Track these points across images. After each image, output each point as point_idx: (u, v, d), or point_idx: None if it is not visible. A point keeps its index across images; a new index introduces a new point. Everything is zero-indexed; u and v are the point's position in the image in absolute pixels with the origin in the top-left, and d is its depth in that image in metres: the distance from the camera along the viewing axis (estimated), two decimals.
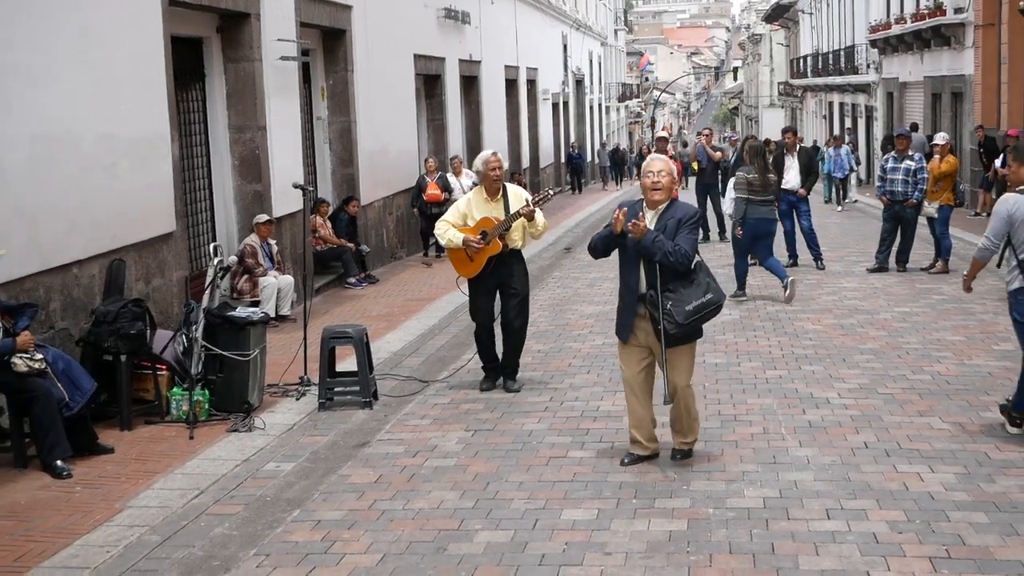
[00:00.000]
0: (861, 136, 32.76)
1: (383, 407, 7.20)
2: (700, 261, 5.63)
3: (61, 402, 6.01)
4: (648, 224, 5.56)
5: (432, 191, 15.05)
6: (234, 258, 10.18)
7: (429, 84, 17.83)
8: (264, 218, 10.54)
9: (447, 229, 7.39)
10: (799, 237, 13.32)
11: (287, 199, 11.01)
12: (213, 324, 7.08)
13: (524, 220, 7.29)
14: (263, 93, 10.79)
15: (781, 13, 51.12)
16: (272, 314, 9.83)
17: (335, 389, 7.24)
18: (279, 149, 11.12)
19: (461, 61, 19.15)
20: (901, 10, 26.62)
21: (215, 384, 7.03)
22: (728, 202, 12.10)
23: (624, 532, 4.87)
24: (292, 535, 4.99)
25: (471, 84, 20.32)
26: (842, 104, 37.23)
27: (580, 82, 37.10)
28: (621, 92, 53.70)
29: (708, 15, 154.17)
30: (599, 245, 5.80)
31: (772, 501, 5.21)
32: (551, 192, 7.99)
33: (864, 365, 7.98)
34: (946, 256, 12.32)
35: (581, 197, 29.03)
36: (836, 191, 23.66)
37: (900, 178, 12.30)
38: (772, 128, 46.49)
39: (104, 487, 5.71)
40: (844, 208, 22.45)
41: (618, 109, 53.52)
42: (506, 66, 23.46)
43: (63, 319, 7.20)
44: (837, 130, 34.48)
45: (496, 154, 7.49)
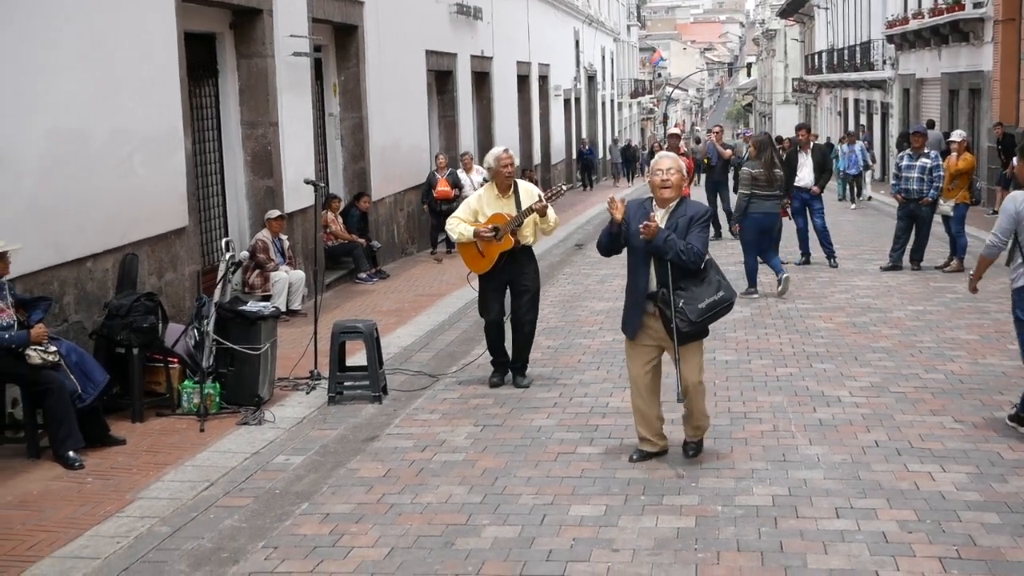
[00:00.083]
0: (876, 133, 32.58)
1: (392, 402, 7.22)
2: (710, 259, 5.61)
3: (74, 394, 6.06)
4: (659, 222, 5.53)
5: (442, 187, 15.06)
6: (246, 253, 10.21)
7: (441, 80, 17.83)
8: (276, 213, 10.57)
9: (458, 224, 7.39)
10: (812, 235, 13.28)
11: (299, 195, 11.04)
12: (224, 318, 7.11)
13: (536, 216, 7.28)
14: (275, 89, 10.81)
15: (796, 8, 50.84)
16: (283, 309, 9.86)
17: (345, 383, 7.26)
18: (291, 145, 11.14)
19: (473, 57, 19.14)
20: (919, 5, 26.35)
21: (226, 377, 7.06)
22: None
23: (632, 529, 4.87)
24: (300, 528, 5.01)
25: (483, 80, 20.31)
26: (857, 101, 37.01)
27: (592, 78, 37.04)
28: (634, 88, 53.60)
29: (722, 10, 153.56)
30: (604, 241, 5.79)
31: (781, 499, 5.20)
32: (564, 188, 7.98)
33: (876, 363, 7.94)
34: (961, 255, 12.25)
35: (592, 194, 28.99)
36: (850, 188, 23.56)
37: (915, 176, 12.23)
38: (786, 125, 46.33)
39: (115, 478, 5.75)
40: (858, 206, 22.35)
41: (630, 105, 53.42)
42: (518, 62, 23.43)
43: (77, 312, 7.25)
44: (852, 127, 34.31)
45: (508, 150, 7.48)
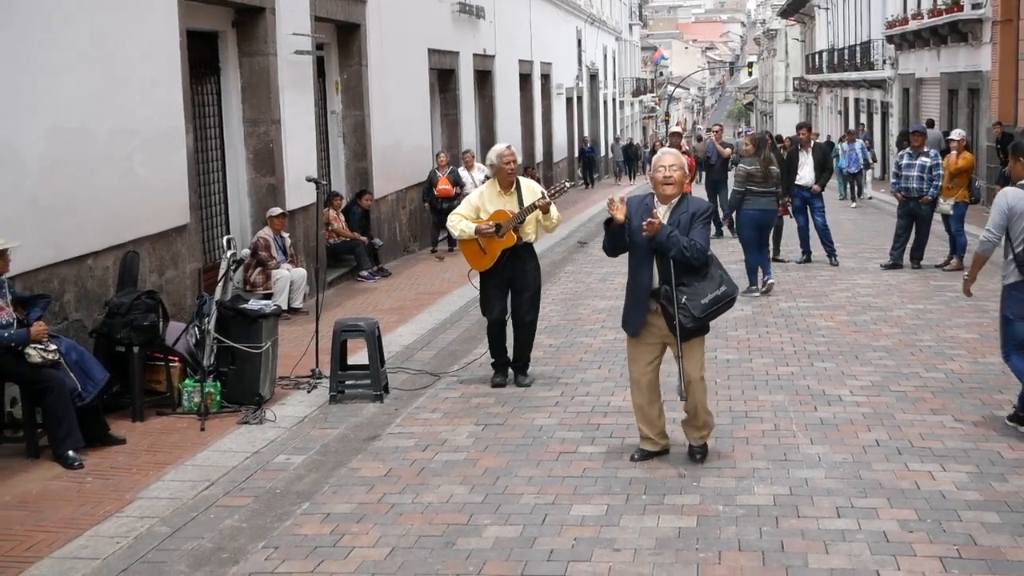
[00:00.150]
0: (877, 132, 32.58)
1: (394, 400, 7.21)
2: (712, 254, 5.60)
3: (74, 392, 6.04)
4: (661, 219, 5.51)
5: (443, 186, 15.06)
6: (247, 251, 10.21)
7: (443, 78, 17.82)
8: (277, 211, 10.56)
9: (459, 221, 7.38)
10: (813, 233, 13.28)
11: (300, 192, 11.03)
12: (225, 316, 7.11)
13: (539, 213, 7.28)
14: (277, 87, 10.81)
15: (797, 8, 50.83)
16: (284, 307, 9.87)
17: (346, 382, 7.25)
18: (293, 143, 11.14)
19: (475, 55, 19.13)
20: (918, 5, 26.43)
21: (227, 376, 7.06)
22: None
23: (633, 528, 4.87)
24: (301, 528, 5.00)
25: (485, 79, 20.30)
26: (857, 100, 37.03)
27: (594, 77, 37.03)
28: (635, 87, 53.58)
29: (723, 10, 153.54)
30: (606, 243, 5.78)
31: (782, 498, 5.19)
32: (567, 185, 7.99)
33: (877, 362, 7.94)
34: (961, 253, 12.25)
35: (593, 191, 28.99)
36: (850, 187, 23.58)
37: (915, 175, 12.26)
38: (787, 124, 46.33)
39: (115, 478, 5.74)
40: (859, 204, 22.35)
41: (632, 104, 53.42)
42: (520, 61, 23.42)
43: (77, 310, 7.24)
44: (852, 126, 34.31)
45: (510, 147, 7.48)
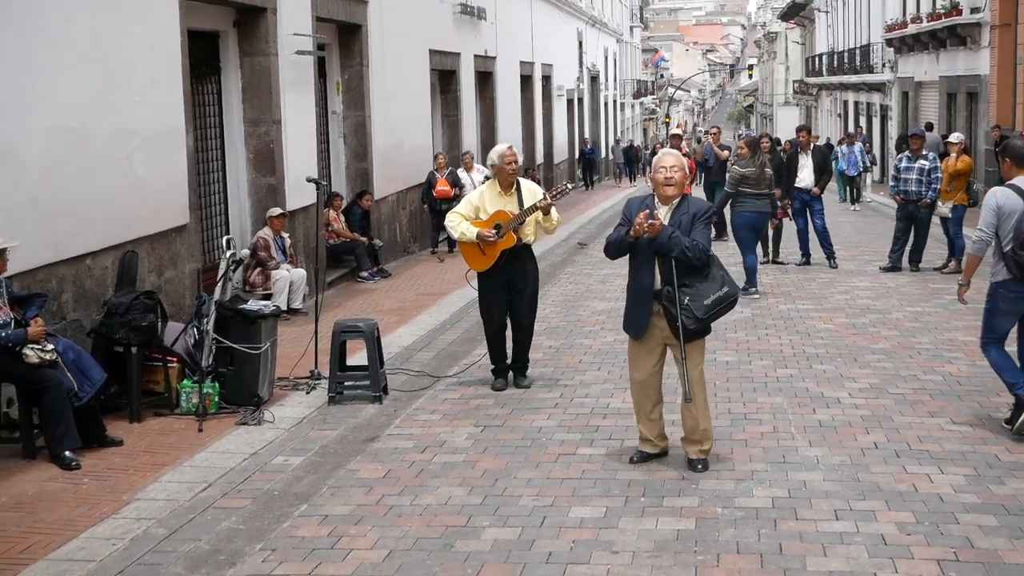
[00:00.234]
0: (876, 135, 32.59)
1: (393, 402, 7.21)
2: (713, 254, 5.59)
3: (71, 392, 6.02)
4: (662, 220, 5.49)
5: (442, 187, 15.06)
6: (247, 251, 10.21)
7: (444, 79, 17.83)
8: (277, 211, 10.56)
9: (460, 222, 7.36)
10: (812, 235, 13.29)
11: (301, 193, 11.03)
12: (224, 317, 7.10)
13: (539, 214, 7.28)
14: (278, 87, 10.81)
15: (797, 11, 50.88)
16: (284, 307, 9.86)
17: (345, 383, 7.25)
18: (293, 143, 11.14)
19: (476, 57, 19.14)
20: (917, 9, 26.50)
21: (225, 377, 7.05)
22: None
23: (632, 531, 4.86)
24: (299, 530, 5.00)
25: (486, 80, 20.30)
26: (857, 103, 37.06)
27: (595, 79, 37.04)
28: (636, 89, 53.60)
29: (724, 12, 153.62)
30: (615, 247, 5.67)
31: (781, 501, 5.19)
32: (568, 187, 7.99)
33: (875, 365, 7.94)
34: (959, 256, 12.23)
35: (594, 193, 29.00)
36: (849, 190, 23.61)
37: (914, 178, 12.30)
38: (787, 126, 46.31)
39: (112, 479, 5.73)
40: (859, 207, 22.36)
41: (633, 106, 53.43)
42: (521, 62, 23.43)
43: (75, 310, 7.24)
44: (852, 129, 34.33)
45: (512, 148, 7.48)
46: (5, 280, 6.14)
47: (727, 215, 15.87)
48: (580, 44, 32.98)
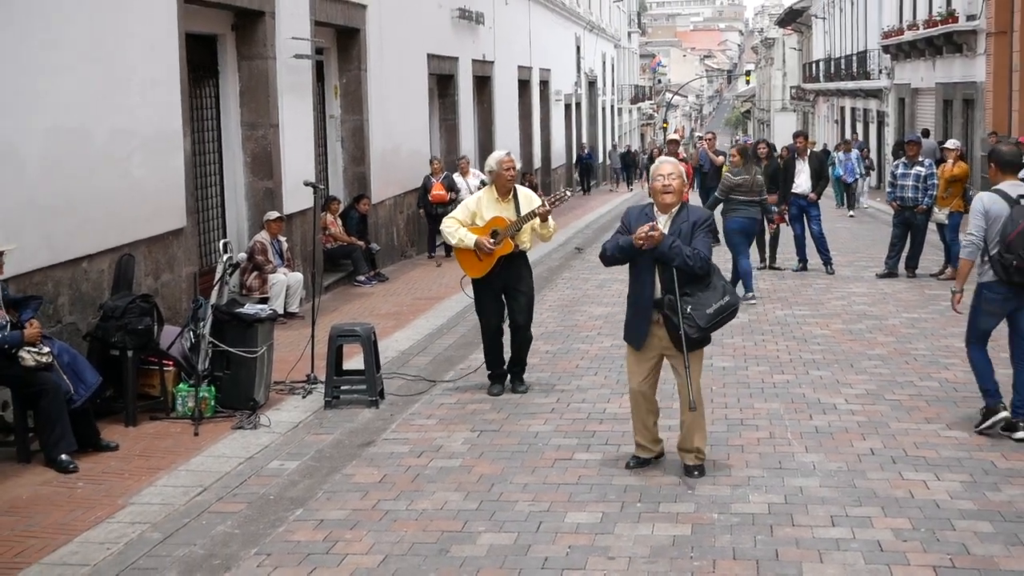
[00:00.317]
0: (872, 141, 32.65)
1: (389, 406, 7.20)
2: (714, 264, 5.58)
3: (66, 395, 6.00)
4: (662, 229, 5.47)
5: (437, 191, 15.06)
6: (243, 255, 10.19)
7: (442, 84, 17.84)
8: (275, 215, 10.56)
9: (457, 228, 7.35)
10: (809, 241, 13.31)
11: (298, 196, 11.03)
12: (221, 321, 7.08)
13: (536, 221, 7.28)
14: (276, 91, 10.81)
15: (794, 17, 50.99)
16: (280, 311, 9.85)
17: (342, 387, 7.24)
18: (291, 146, 11.14)
19: (474, 61, 19.15)
20: (914, 16, 26.58)
21: (221, 381, 7.03)
22: None
23: (628, 536, 4.86)
24: (294, 534, 4.98)
25: (484, 84, 20.32)
26: (854, 109, 37.13)
27: (593, 83, 37.08)
28: (634, 94, 53.66)
29: (721, 18, 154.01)
30: (616, 255, 5.61)
31: (777, 507, 5.19)
32: (567, 194, 7.99)
33: (872, 371, 7.95)
34: (956, 262, 12.24)
35: (591, 198, 29.02)
36: (846, 196, 23.65)
37: (910, 184, 12.34)
38: (784, 132, 46.39)
39: (106, 483, 5.71)
40: (853, 214, 22.39)
41: (630, 111, 53.48)
42: (519, 67, 23.46)
43: (71, 313, 7.22)
44: (849, 135, 34.40)
45: (510, 154, 7.49)
46: (1, 283, 6.12)
47: (719, 221, 15.98)
48: (578, 49, 33.02)
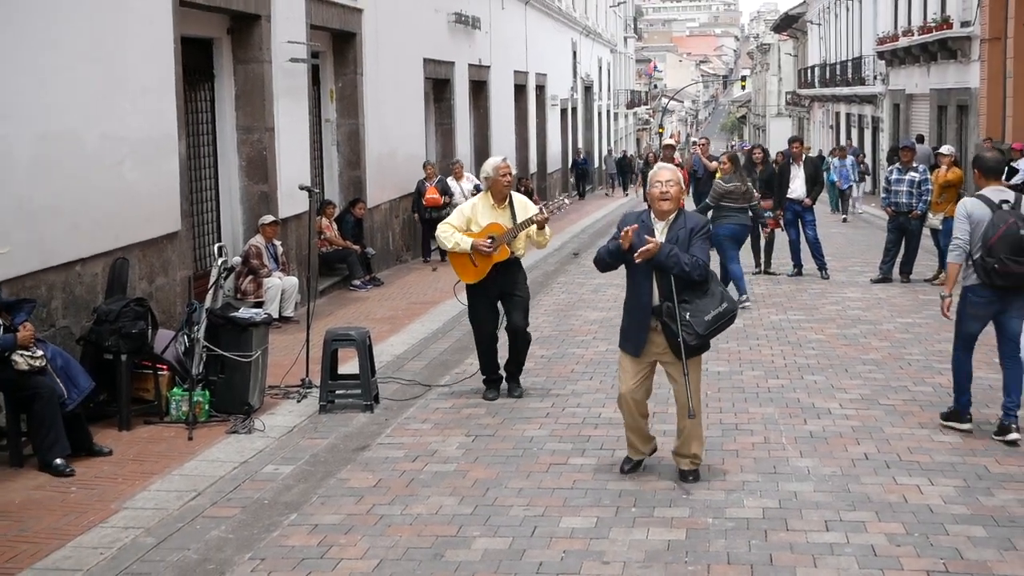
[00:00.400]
0: (867, 147, 32.72)
1: (384, 411, 7.19)
2: (711, 271, 5.58)
3: (60, 398, 5.98)
4: (658, 235, 5.46)
5: (431, 195, 15.06)
6: (238, 258, 10.18)
7: (438, 88, 17.85)
8: (270, 219, 10.55)
9: (452, 232, 7.34)
10: (804, 246, 13.33)
11: (293, 200, 11.02)
12: (215, 324, 7.07)
13: (532, 228, 7.28)
14: (272, 94, 10.81)
15: (790, 23, 51.13)
16: (275, 315, 9.83)
17: (336, 392, 7.23)
18: (286, 150, 11.13)
19: (471, 66, 19.17)
20: (908, 23, 26.66)
21: (216, 385, 7.02)
22: None
23: (622, 541, 4.86)
24: (289, 539, 4.97)
25: (480, 89, 20.33)
26: (849, 115, 37.24)
27: (589, 88, 37.12)
28: (630, 99, 53.74)
29: (717, 24, 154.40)
30: (608, 259, 5.63)
31: (771, 512, 5.19)
32: (566, 201, 8.00)
33: (866, 376, 7.96)
34: None
35: (586, 203, 29.04)
36: (841, 201, 23.72)
37: (904, 189, 12.38)
38: (779, 138, 46.52)
39: (100, 488, 5.70)
40: (847, 219, 22.44)
41: (626, 116, 53.56)
42: (515, 71, 23.48)
43: (64, 317, 7.21)
44: (844, 141, 34.51)
45: (506, 160, 7.50)
46: None
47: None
48: (574, 54, 33.07)
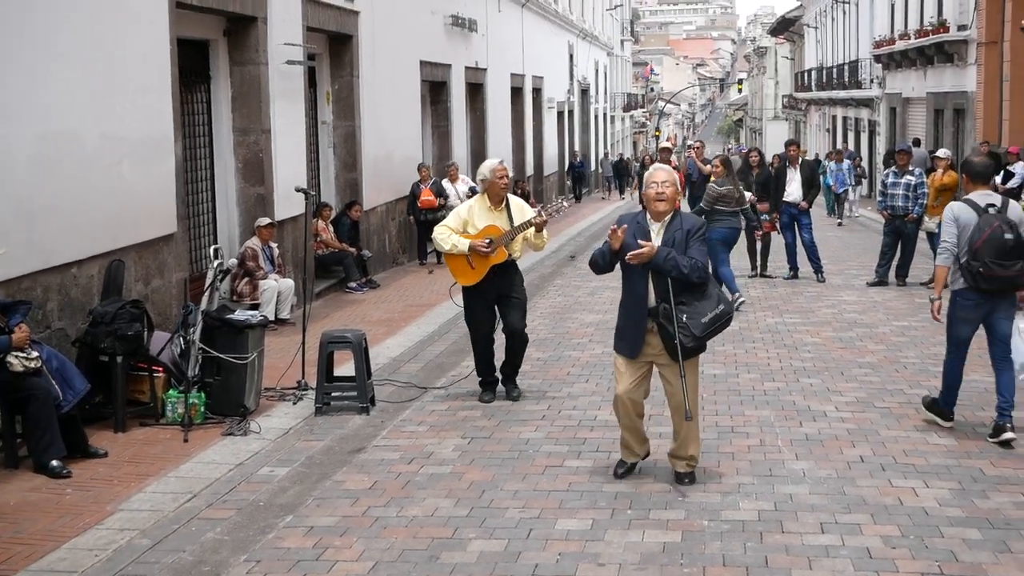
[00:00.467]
0: (864, 150, 32.77)
1: (380, 413, 7.19)
2: (708, 273, 5.58)
3: (55, 400, 5.97)
4: (654, 237, 5.46)
5: (426, 197, 15.06)
6: (234, 261, 10.18)
7: (435, 91, 17.86)
8: (266, 221, 10.55)
9: (449, 234, 7.33)
10: (800, 249, 13.35)
11: (289, 202, 11.02)
12: (211, 327, 7.07)
13: (530, 230, 7.28)
14: (268, 96, 10.80)
15: (786, 27, 51.21)
16: (271, 317, 9.83)
17: (332, 394, 7.22)
18: (283, 152, 11.13)
19: (467, 68, 19.18)
20: (905, 26, 26.71)
21: (211, 387, 7.01)
22: None
23: (618, 543, 4.86)
24: (284, 541, 4.97)
25: (477, 91, 20.34)
26: (845, 118, 37.29)
27: (585, 91, 37.15)
28: (626, 102, 53.78)
29: (714, 27, 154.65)
30: (600, 262, 5.64)
31: (767, 514, 5.19)
32: (565, 204, 8.01)
33: (862, 379, 7.97)
34: None
35: (583, 206, 29.06)
36: (837, 204, 23.74)
37: (900, 193, 12.42)
38: (776, 141, 46.59)
39: (95, 489, 5.69)
40: (842, 223, 22.47)
41: (623, 119, 53.60)
42: (512, 74, 23.48)
43: (60, 319, 7.20)
44: (840, 144, 34.56)
45: (503, 162, 7.51)
46: None
47: None
48: (571, 57, 33.09)
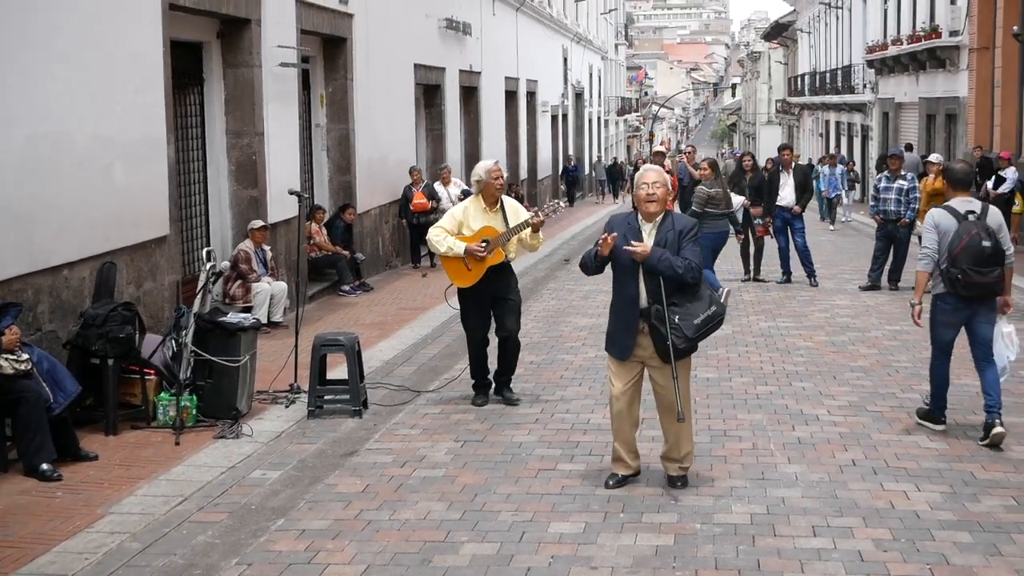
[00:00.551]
0: (857, 155, 32.87)
1: (373, 416, 7.18)
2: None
3: (46, 402, 5.95)
4: (646, 237, 5.46)
5: (419, 200, 15.06)
6: (227, 263, 10.16)
7: (429, 94, 17.86)
8: (259, 224, 10.52)
9: (444, 237, 7.31)
10: (793, 254, 13.38)
11: (283, 205, 11.00)
12: (203, 329, 7.05)
13: (527, 232, 7.28)
14: (262, 99, 10.79)
15: (780, 32, 51.34)
16: (264, 320, 9.81)
17: (325, 397, 7.21)
18: (276, 155, 11.12)
19: (461, 72, 19.18)
20: (898, 32, 26.82)
21: (203, 390, 6.99)
22: None
23: (611, 546, 4.86)
24: (275, 544, 4.96)
25: (471, 95, 20.35)
26: (838, 123, 37.39)
27: (580, 95, 37.18)
28: (620, 106, 53.83)
29: (708, 32, 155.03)
30: (590, 264, 5.67)
31: (759, 517, 5.20)
32: (561, 205, 8.01)
33: (854, 383, 7.98)
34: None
35: (576, 210, 29.06)
36: (830, 209, 23.80)
37: (893, 197, 12.45)
38: (769, 145, 46.64)
39: (86, 492, 5.67)
40: (834, 227, 22.53)
41: (617, 123, 53.64)
42: (506, 78, 23.51)
43: (51, 321, 7.17)
44: (833, 149, 34.67)
45: (498, 163, 7.51)
46: None
47: None
48: (565, 61, 33.11)
